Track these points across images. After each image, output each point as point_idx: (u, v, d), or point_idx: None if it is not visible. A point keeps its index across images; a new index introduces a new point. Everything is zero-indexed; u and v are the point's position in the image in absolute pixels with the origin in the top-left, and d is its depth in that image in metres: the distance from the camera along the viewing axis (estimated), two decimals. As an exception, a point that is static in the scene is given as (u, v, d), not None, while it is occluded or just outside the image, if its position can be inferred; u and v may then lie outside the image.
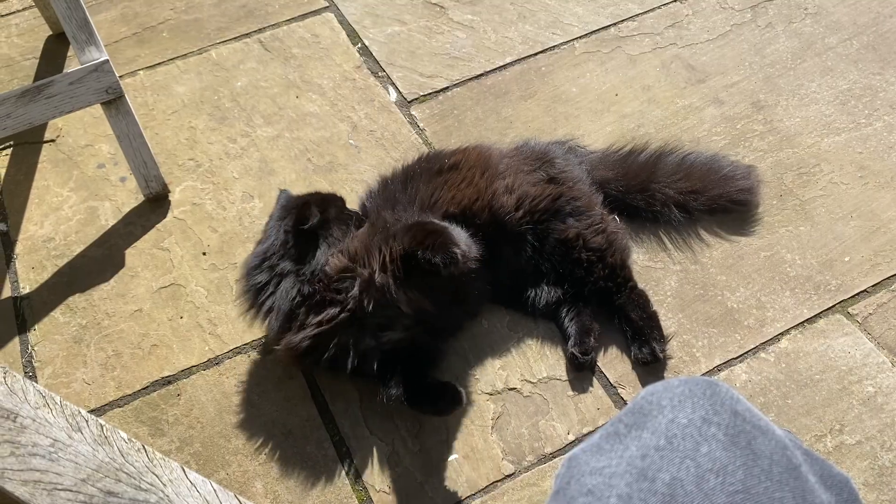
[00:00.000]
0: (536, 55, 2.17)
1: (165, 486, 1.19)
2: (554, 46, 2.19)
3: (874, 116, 1.99)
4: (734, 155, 1.90)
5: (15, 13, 2.33)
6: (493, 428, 1.51)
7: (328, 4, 2.33)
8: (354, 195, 1.85)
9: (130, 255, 1.79)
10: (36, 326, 1.68)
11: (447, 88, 2.10)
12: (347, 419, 1.53)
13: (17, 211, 1.88)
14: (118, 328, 1.67)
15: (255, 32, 2.26)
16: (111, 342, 1.65)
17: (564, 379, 1.58)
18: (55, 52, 2.22)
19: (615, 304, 1.62)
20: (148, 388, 1.59)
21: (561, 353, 1.61)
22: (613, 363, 1.60)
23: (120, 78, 1.80)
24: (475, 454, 1.48)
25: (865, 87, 2.05)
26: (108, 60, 1.72)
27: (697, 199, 1.77)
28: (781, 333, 1.62)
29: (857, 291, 1.68)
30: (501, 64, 2.15)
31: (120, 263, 1.78)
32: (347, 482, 1.46)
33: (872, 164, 1.89)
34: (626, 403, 1.52)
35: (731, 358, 1.59)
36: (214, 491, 1.22)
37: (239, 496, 1.24)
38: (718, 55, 2.15)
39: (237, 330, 1.66)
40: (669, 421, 0.78)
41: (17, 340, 1.66)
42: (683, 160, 1.80)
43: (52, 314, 1.69)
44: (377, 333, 1.46)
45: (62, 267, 1.77)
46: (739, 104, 2.03)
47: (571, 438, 1.50)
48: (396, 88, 2.10)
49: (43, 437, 1.21)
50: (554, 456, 1.48)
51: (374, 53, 2.19)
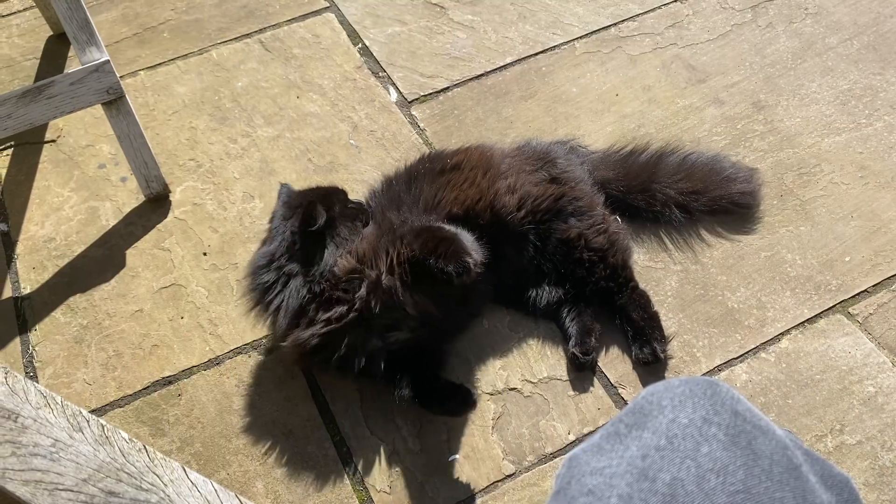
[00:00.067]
0: (537, 55, 2.17)
1: (166, 486, 1.19)
2: (554, 46, 2.19)
3: (875, 116, 1.99)
4: (734, 155, 1.90)
5: (16, 13, 2.33)
6: (493, 428, 1.51)
7: (329, 5, 2.33)
8: (356, 195, 1.85)
9: (131, 255, 1.79)
10: (37, 326, 1.68)
11: (448, 88, 2.10)
12: (348, 419, 1.53)
13: (17, 211, 1.88)
14: (119, 328, 1.67)
15: (255, 33, 2.26)
16: (112, 342, 1.65)
17: (565, 379, 1.58)
18: (56, 52, 2.22)
19: (616, 304, 1.62)
20: (149, 388, 1.59)
21: (561, 353, 1.61)
22: (614, 363, 1.60)
23: (121, 78, 1.80)
24: (476, 454, 1.48)
25: (866, 87, 2.05)
26: (108, 61, 1.72)
27: (698, 199, 1.77)
28: (782, 333, 1.62)
29: (857, 291, 1.68)
30: (502, 64, 2.15)
31: (121, 263, 1.78)
32: (348, 482, 1.46)
33: (873, 164, 1.89)
34: (626, 403, 1.52)
35: (731, 358, 1.59)
36: (215, 491, 1.22)
37: (240, 496, 1.24)
38: (719, 55, 2.15)
39: (238, 330, 1.66)
40: (670, 421, 0.78)
41: (17, 340, 1.66)
42: (684, 160, 1.80)
43: (52, 314, 1.70)
44: (384, 334, 1.46)
45: (63, 267, 1.78)
46: (740, 104, 2.03)
47: (572, 438, 1.50)
48: (397, 88, 2.10)
49: (44, 437, 1.21)
50: (554, 456, 1.48)
51: (374, 54, 2.19)
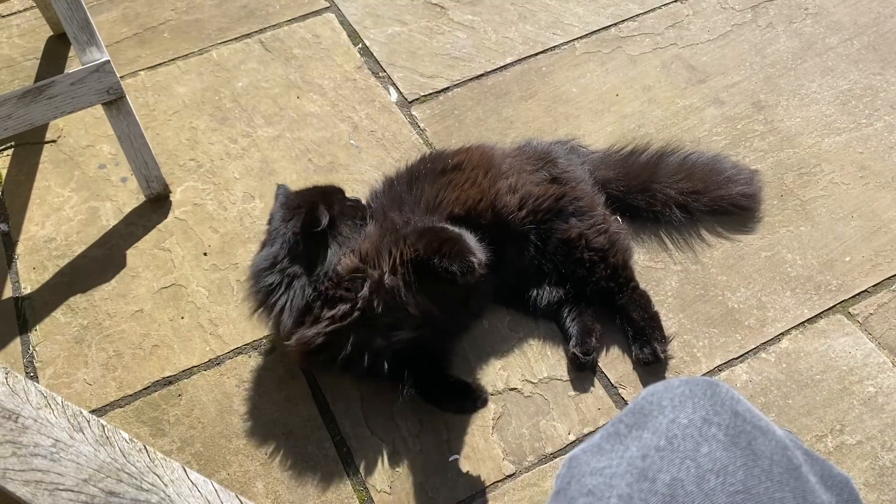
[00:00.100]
0: (537, 55, 2.17)
1: (167, 486, 1.19)
2: (554, 47, 2.19)
3: (875, 116, 1.99)
4: (735, 155, 1.90)
5: (16, 14, 2.33)
6: (493, 428, 1.51)
7: (329, 5, 2.33)
8: (356, 195, 1.85)
9: (131, 255, 1.79)
10: (37, 327, 1.68)
11: (448, 89, 2.10)
12: (348, 419, 1.53)
13: (18, 211, 1.88)
14: (119, 328, 1.67)
15: (255, 33, 2.26)
16: (112, 342, 1.65)
17: (565, 379, 1.58)
18: (56, 52, 2.22)
19: (617, 304, 1.62)
20: (149, 388, 1.59)
21: (562, 353, 1.61)
22: (614, 363, 1.60)
23: (121, 78, 1.80)
24: (476, 454, 1.48)
25: (866, 87, 2.05)
26: (109, 61, 1.72)
27: (699, 199, 1.77)
28: (782, 333, 1.62)
29: (857, 291, 1.68)
30: (502, 64, 2.15)
31: (121, 264, 1.78)
32: (348, 482, 1.46)
33: (873, 164, 1.89)
34: (626, 404, 1.52)
35: (731, 358, 1.59)
36: (216, 491, 1.22)
37: (240, 496, 1.25)
38: (719, 55, 2.15)
39: (238, 330, 1.66)
40: (670, 421, 0.78)
41: (18, 341, 1.66)
42: (685, 160, 1.80)
43: (53, 314, 1.70)
44: (387, 333, 1.46)
45: (63, 267, 1.78)
46: (740, 104, 2.03)
47: (572, 438, 1.50)
48: (397, 89, 2.10)
49: (45, 437, 1.21)
50: (555, 456, 1.48)
51: (374, 54, 2.19)
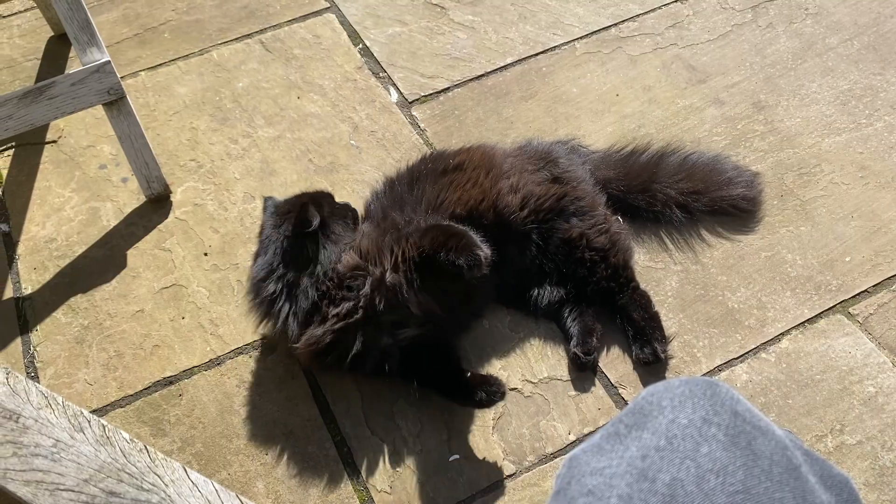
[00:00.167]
0: (537, 55, 2.17)
1: (167, 486, 1.19)
2: (555, 47, 2.19)
3: (875, 117, 1.99)
4: (735, 155, 1.90)
5: (17, 14, 2.33)
6: (494, 428, 1.51)
7: (329, 5, 2.33)
8: (356, 196, 1.86)
9: (132, 255, 1.80)
10: (38, 327, 1.68)
11: (448, 89, 2.10)
12: (349, 419, 1.54)
13: (18, 212, 1.88)
14: (120, 328, 1.67)
15: (256, 33, 2.26)
16: (113, 342, 1.65)
17: (566, 379, 1.58)
18: (57, 53, 2.23)
19: (617, 304, 1.62)
20: (150, 388, 1.59)
21: (562, 353, 1.62)
22: (615, 363, 1.60)
23: (121, 79, 1.81)
24: (476, 454, 1.48)
25: (866, 87, 2.05)
26: (109, 61, 1.73)
27: (699, 199, 1.77)
28: (782, 333, 1.62)
29: (857, 291, 1.68)
30: (502, 64, 2.15)
31: (122, 264, 1.78)
32: (349, 482, 1.46)
33: (873, 164, 1.89)
34: (627, 404, 1.52)
35: (731, 358, 1.59)
36: (216, 491, 1.22)
37: (241, 496, 1.25)
38: (719, 55, 2.15)
39: (239, 330, 1.66)
40: (670, 421, 0.78)
41: (19, 341, 1.66)
42: (685, 161, 1.80)
43: (53, 315, 1.70)
44: (393, 331, 1.46)
45: (64, 267, 1.78)
46: (740, 104, 2.03)
47: (572, 438, 1.50)
48: (397, 89, 2.11)
49: (45, 437, 1.21)
50: (555, 456, 1.48)
51: (375, 54, 2.19)
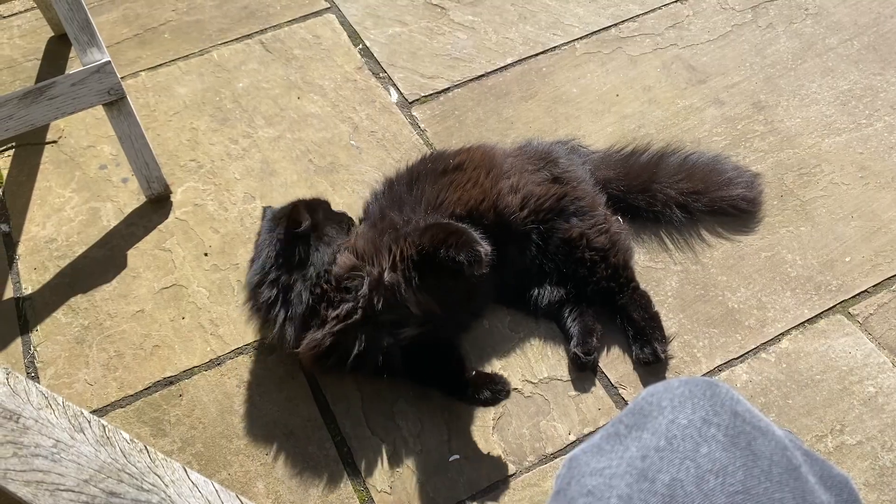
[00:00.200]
0: (537, 56, 2.17)
1: (167, 486, 1.19)
2: (555, 47, 2.19)
3: (875, 117, 1.99)
4: (735, 156, 1.90)
5: (17, 14, 2.33)
6: (494, 428, 1.52)
7: (329, 5, 2.33)
8: (356, 196, 1.86)
9: (132, 255, 1.80)
10: (38, 327, 1.68)
11: (448, 89, 2.10)
12: (349, 419, 1.54)
13: (19, 212, 1.88)
14: (120, 329, 1.68)
15: (256, 33, 2.26)
16: (113, 343, 1.65)
17: (566, 379, 1.58)
18: (57, 53, 2.23)
19: (617, 304, 1.62)
20: (150, 388, 1.59)
21: (562, 353, 1.62)
22: (615, 363, 1.60)
23: (122, 79, 1.81)
24: (476, 454, 1.48)
25: (866, 87, 2.05)
26: (109, 62, 1.73)
27: (699, 199, 1.77)
28: (782, 334, 1.62)
29: (857, 292, 1.68)
30: (502, 65, 2.15)
31: (122, 264, 1.78)
32: (349, 482, 1.46)
33: (873, 164, 1.89)
34: (627, 404, 1.52)
35: (731, 358, 1.59)
36: (216, 491, 1.22)
37: (241, 496, 1.25)
38: (719, 56, 2.15)
39: (239, 330, 1.66)
40: (669, 422, 0.78)
41: (19, 341, 1.66)
42: (685, 161, 1.80)
43: (54, 315, 1.70)
44: (393, 331, 1.46)
45: (64, 268, 1.78)
46: (740, 105, 2.03)
47: (572, 439, 1.50)
48: (398, 89, 2.11)
49: (45, 437, 1.21)
50: (555, 456, 1.48)
51: (375, 54, 2.19)
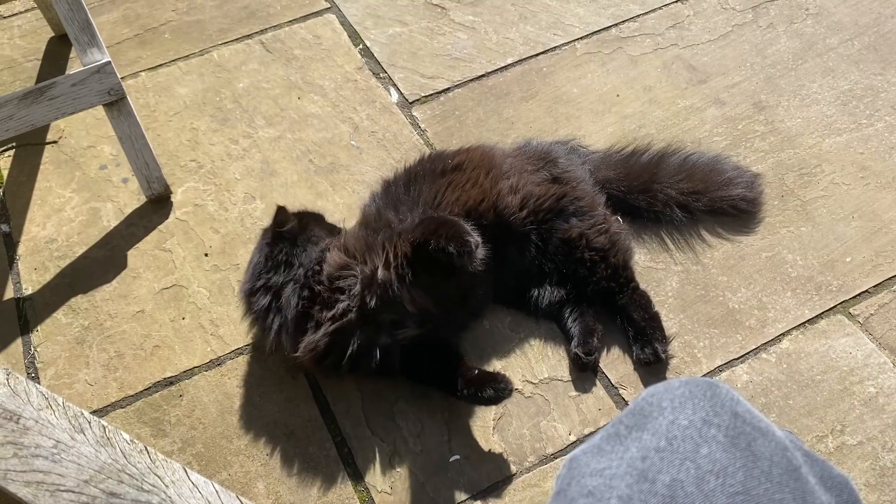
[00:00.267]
0: (538, 56, 2.17)
1: (168, 487, 1.19)
2: (555, 47, 2.19)
3: (875, 117, 1.99)
4: (735, 156, 1.90)
5: (17, 15, 2.33)
6: (494, 428, 1.51)
7: (330, 5, 2.33)
8: (356, 196, 1.86)
9: (132, 256, 1.80)
10: (38, 327, 1.68)
11: (448, 89, 2.10)
12: (349, 420, 1.54)
13: (19, 212, 1.89)
14: (120, 329, 1.68)
15: (256, 34, 2.26)
16: (113, 343, 1.66)
17: (566, 379, 1.58)
18: (57, 53, 2.23)
19: (617, 304, 1.62)
20: (150, 388, 1.59)
21: (562, 353, 1.62)
22: (615, 364, 1.60)
23: (122, 79, 1.81)
24: (477, 455, 1.48)
25: (867, 87, 2.05)
26: (110, 62, 1.73)
27: (699, 199, 1.77)
28: (783, 334, 1.62)
29: (858, 292, 1.68)
30: (503, 65, 2.15)
31: (122, 264, 1.78)
32: (349, 483, 1.46)
33: (874, 164, 1.89)
34: (627, 404, 1.52)
35: (732, 358, 1.59)
36: (216, 492, 1.22)
37: (241, 497, 1.25)
38: (720, 56, 2.15)
39: (239, 331, 1.66)
40: (670, 422, 0.78)
41: (19, 341, 1.66)
42: (685, 161, 1.80)
43: (54, 315, 1.70)
44: (392, 331, 1.46)
45: (64, 268, 1.78)
46: (741, 105, 2.03)
47: (573, 439, 1.50)
48: (398, 89, 2.11)
49: (46, 438, 1.21)
50: (555, 457, 1.48)
51: (375, 54, 2.19)
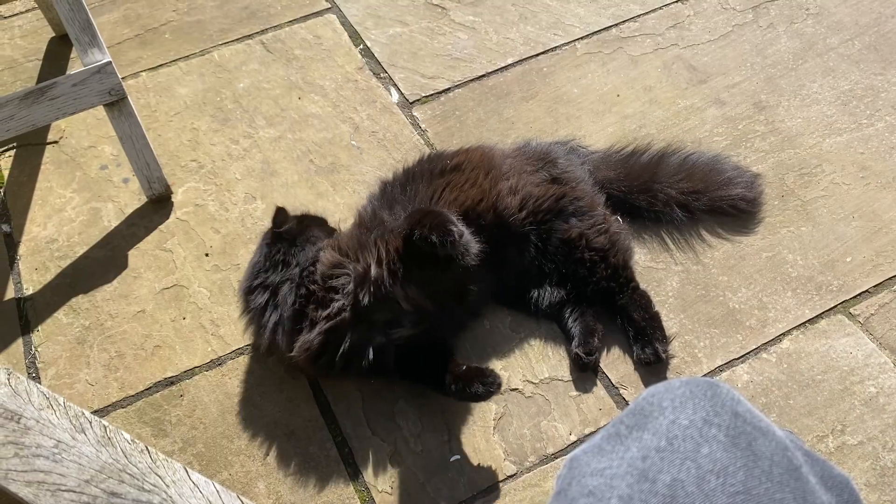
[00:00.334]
0: (538, 56, 2.17)
1: (168, 486, 1.19)
2: (555, 47, 2.19)
3: (876, 117, 1.99)
4: (736, 156, 1.90)
5: (18, 15, 2.34)
6: (495, 428, 1.52)
7: (330, 6, 2.33)
8: (357, 196, 1.86)
9: (133, 256, 1.80)
10: (39, 327, 1.69)
11: (449, 89, 2.10)
12: (350, 420, 1.54)
13: (20, 212, 1.89)
14: (121, 329, 1.68)
15: (257, 34, 2.26)
16: (114, 343, 1.66)
17: (566, 379, 1.58)
18: (58, 53, 2.23)
19: (617, 304, 1.62)
20: (151, 388, 1.59)
21: (563, 353, 1.62)
22: (616, 364, 1.60)
23: (122, 79, 1.81)
24: (477, 455, 1.48)
25: (867, 87, 2.05)
26: (110, 62, 1.73)
27: (699, 199, 1.77)
28: (783, 334, 1.62)
29: (858, 292, 1.68)
30: (503, 65, 2.15)
31: (123, 264, 1.78)
32: (350, 483, 1.46)
33: (874, 164, 1.89)
34: (628, 404, 1.52)
35: (732, 358, 1.59)
36: (217, 492, 1.22)
37: (242, 497, 1.25)
38: (720, 56, 2.15)
39: (240, 331, 1.66)
40: (670, 422, 0.78)
41: (20, 341, 1.66)
42: (685, 160, 1.81)
43: (55, 315, 1.70)
44: (386, 331, 1.46)
45: (65, 268, 1.78)
46: (741, 105, 2.03)
47: (573, 439, 1.50)
48: (398, 89, 2.11)
49: (47, 438, 1.21)
50: (556, 456, 1.48)
51: (376, 55, 2.19)
